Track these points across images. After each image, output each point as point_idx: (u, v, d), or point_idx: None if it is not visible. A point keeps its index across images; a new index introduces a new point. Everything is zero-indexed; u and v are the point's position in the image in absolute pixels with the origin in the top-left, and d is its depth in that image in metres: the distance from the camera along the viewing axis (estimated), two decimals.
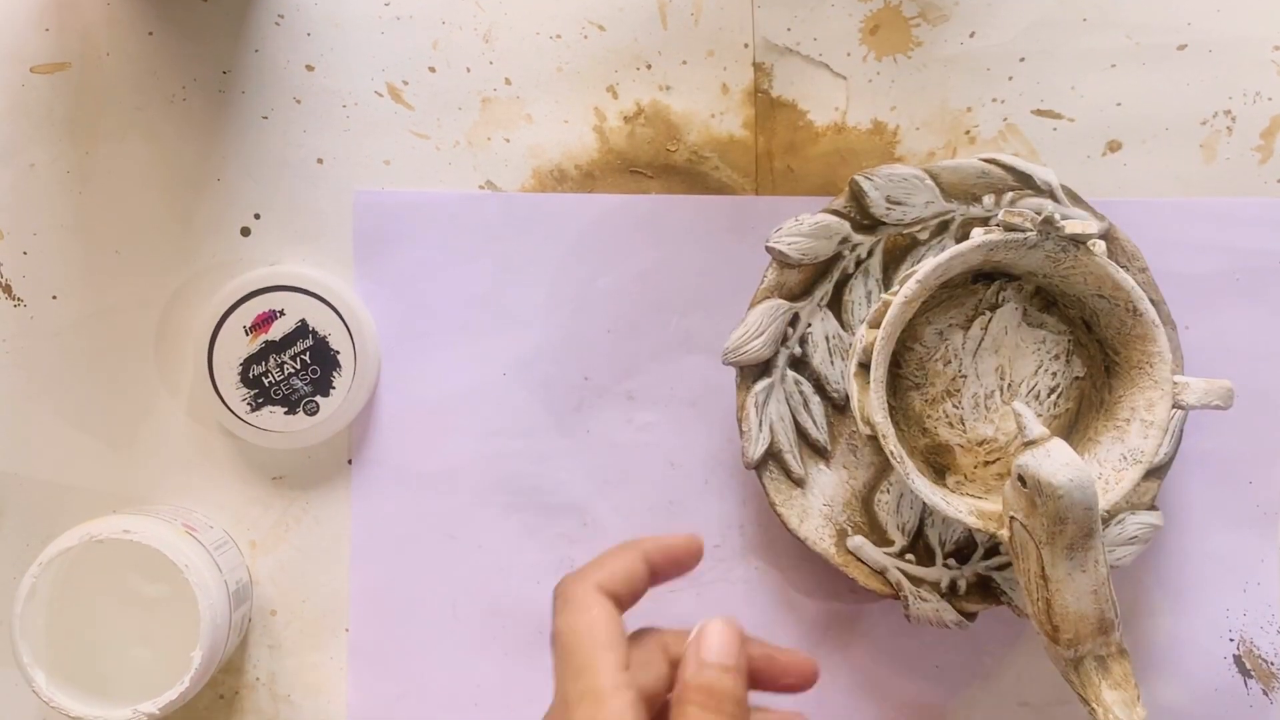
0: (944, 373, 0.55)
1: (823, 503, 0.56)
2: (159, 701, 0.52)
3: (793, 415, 0.56)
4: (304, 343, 0.57)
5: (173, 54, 0.58)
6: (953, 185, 0.55)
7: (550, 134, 0.58)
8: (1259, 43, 0.57)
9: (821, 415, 0.56)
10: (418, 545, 0.58)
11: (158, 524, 0.53)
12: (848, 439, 0.56)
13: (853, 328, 0.56)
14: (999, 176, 0.55)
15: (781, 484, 0.56)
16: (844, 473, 0.56)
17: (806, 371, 0.56)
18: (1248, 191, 0.58)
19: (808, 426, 0.56)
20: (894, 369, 0.55)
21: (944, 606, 0.55)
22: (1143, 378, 0.53)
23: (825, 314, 0.56)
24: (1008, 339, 0.55)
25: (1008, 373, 0.55)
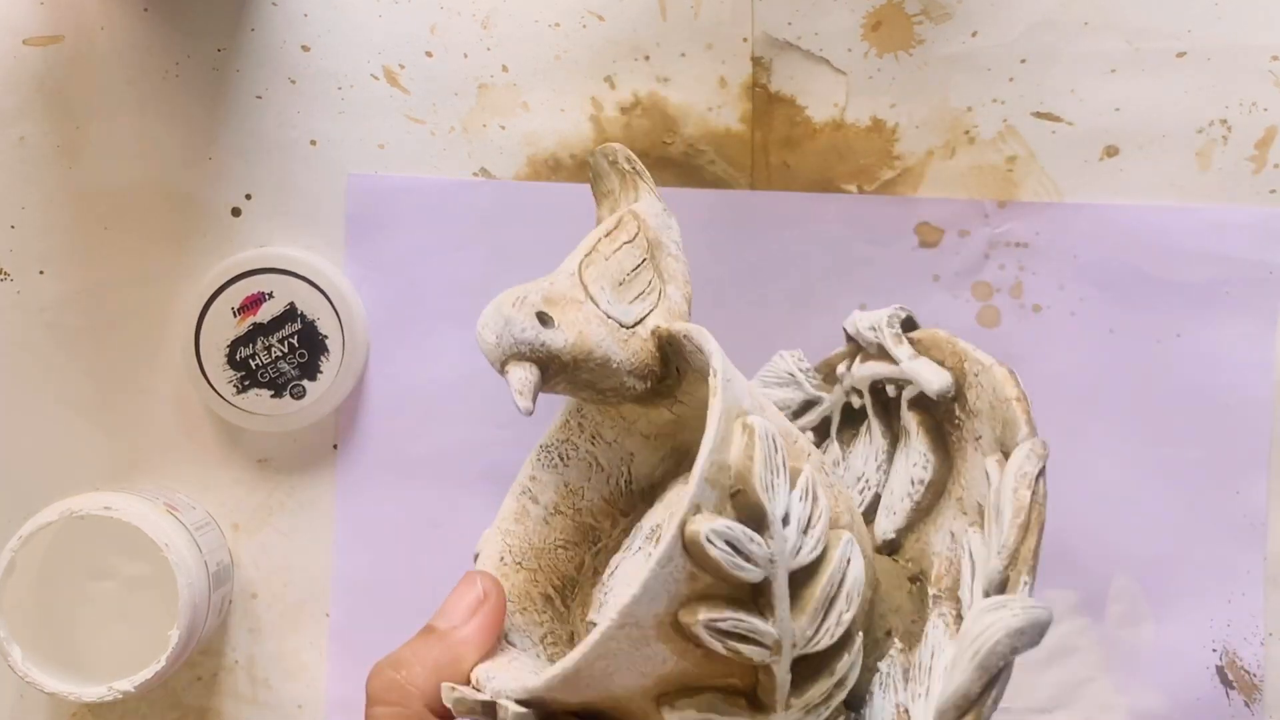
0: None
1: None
2: (135, 679, 0.52)
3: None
4: (292, 326, 0.56)
5: (167, 30, 0.58)
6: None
7: (546, 123, 0.58)
8: (1258, 52, 0.57)
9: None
10: (401, 531, 0.58)
11: (139, 502, 0.53)
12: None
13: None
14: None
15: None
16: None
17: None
18: (1241, 200, 0.58)
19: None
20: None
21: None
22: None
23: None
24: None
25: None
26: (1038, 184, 0.58)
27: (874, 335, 0.46)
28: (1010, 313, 0.58)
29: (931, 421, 0.44)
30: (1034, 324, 0.58)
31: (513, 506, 0.44)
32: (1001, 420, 0.39)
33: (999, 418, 0.40)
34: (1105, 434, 0.58)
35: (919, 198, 0.58)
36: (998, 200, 0.57)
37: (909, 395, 0.45)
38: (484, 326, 0.40)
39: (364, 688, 0.41)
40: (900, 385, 0.45)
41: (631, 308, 0.43)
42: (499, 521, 0.44)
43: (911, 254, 0.58)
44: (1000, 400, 0.40)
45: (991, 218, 0.57)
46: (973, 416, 0.41)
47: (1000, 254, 0.58)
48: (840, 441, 0.49)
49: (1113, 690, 0.58)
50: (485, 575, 0.41)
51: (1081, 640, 0.58)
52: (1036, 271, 0.57)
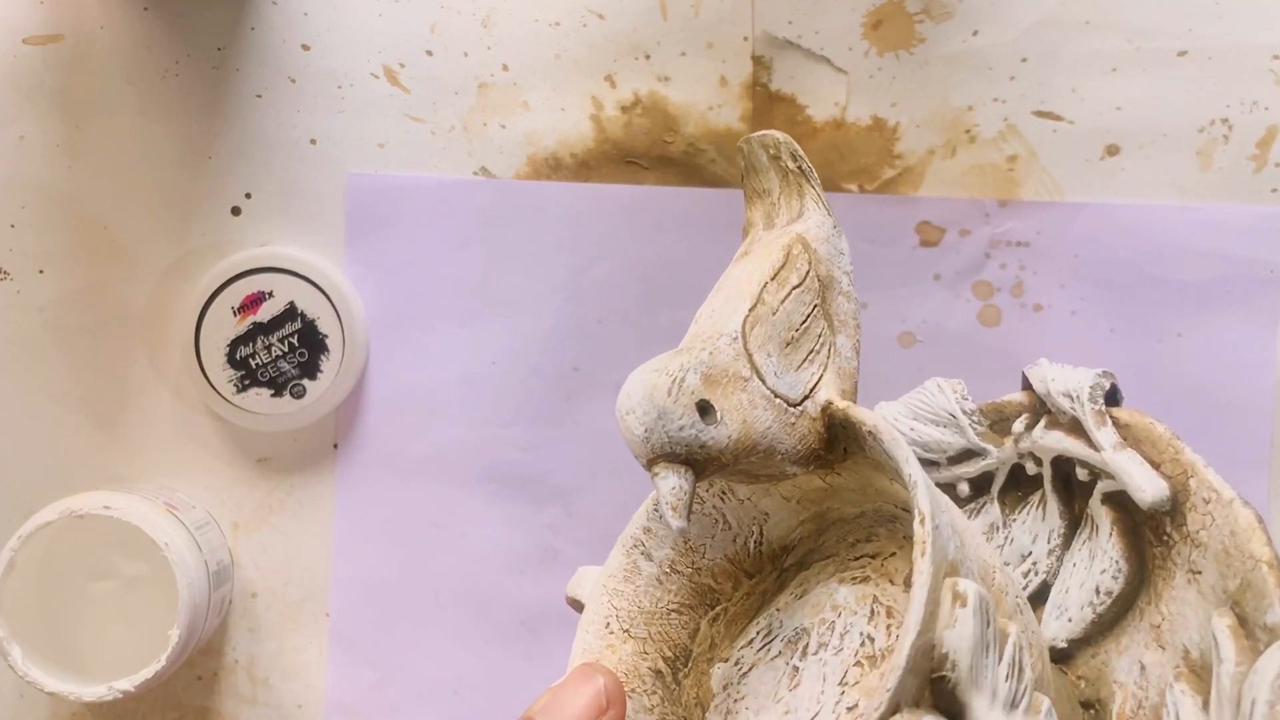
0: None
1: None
2: (135, 679, 0.52)
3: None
4: (292, 325, 0.56)
5: (167, 28, 0.58)
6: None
7: (547, 122, 0.58)
8: (1259, 51, 0.57)
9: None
10: (401, 531, 0.58)
11: (139, 502, 0.53)
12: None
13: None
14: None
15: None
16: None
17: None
18: (1242, 200, 0.58)
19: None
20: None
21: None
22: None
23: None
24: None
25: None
26: (1038, 183, 0.58)
27: (1070, 406, 0.40)
28: (1011, 312, 0.57)
29: (1129, 524, 0.39)
30: (1035, 323, 0.57)
31: (622, 562, 0.38)
32: (1241, 577, 0.34)
33: (1236, 571, 0.35)
34: None
35: (920, 197, 0.57)
36: (998, 199, 0.57)
37: (1106, 488, 0.39)
38: (629, 413, 0.34)
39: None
40: (1096, 473, 0.40)
41: (800, 375, 0.36)
42: (605, 579, 0.38)
43: (912, 253, 0.58)
44: (1242, 554, 0.35)
45: (992, 217, 0.57)
46: (1192, 545, 0.36)
47: (1001, 253, 0.58)
48: (1001, 503, 0.44)
49: None
50: (608, 675, 0.35)
51: None
52: (1037, 271, 0.57)
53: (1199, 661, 0.35)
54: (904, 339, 0.58)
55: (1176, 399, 0.57)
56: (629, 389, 0.34)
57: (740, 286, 0.36)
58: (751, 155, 0.38)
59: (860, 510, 0.38)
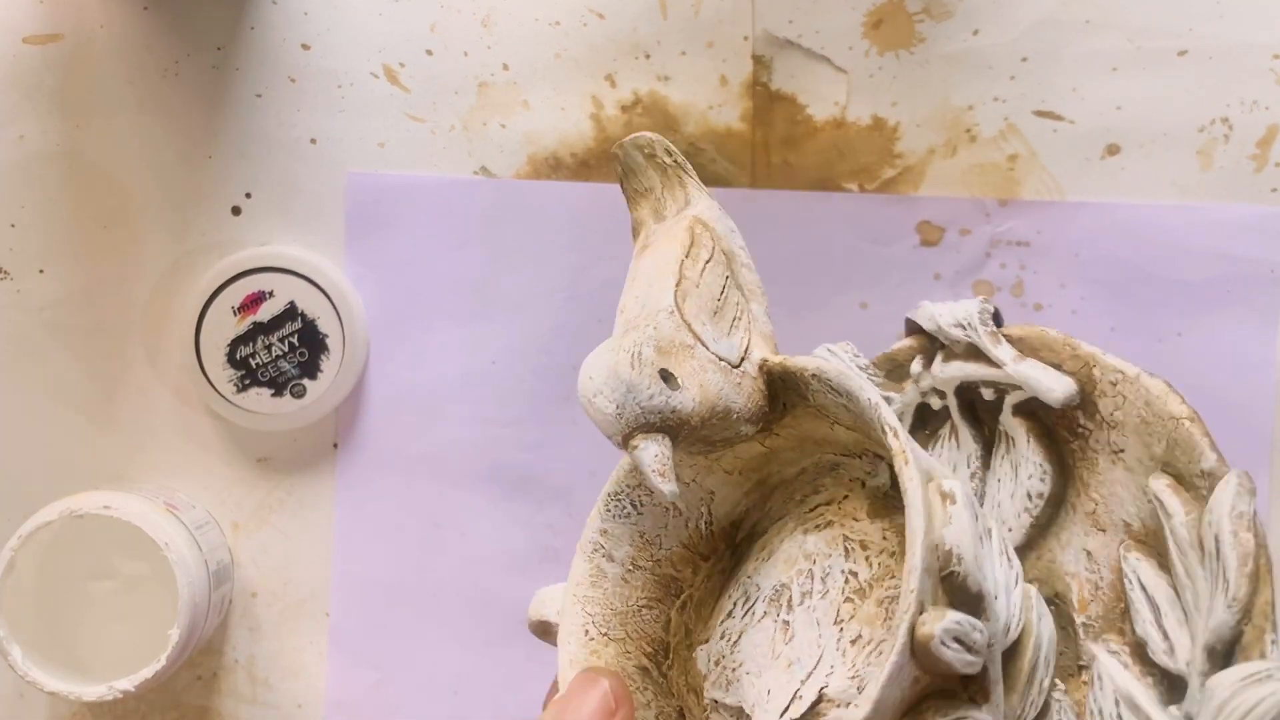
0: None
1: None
2: (135, 679, 0.52)
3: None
4: (292, 325, 0.56)
5: (167, 28, 0.58)
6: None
7: (547, 121, 0.58)
8: (1259, 50, 0.57)
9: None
10: (401, 531, 0.58)
11: (139, 501, 0.53)
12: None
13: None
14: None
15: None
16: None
17: None
18: (1242, 199, 0.58)
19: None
20: None
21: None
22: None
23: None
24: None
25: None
26: (1039, 182, 0.57)
27: (963, 334, 0.41)
28: (1012, 311, 0.57)
29: (1042, 428, 0.40)
30: (1035, 322, 0.57)
31: (585, 569, 0.39)
32: (1166, 439, 0.36)
33: (1159, 435, 0.37)
34: None
35: (920, 196, 0.57)
36: (999, 199, 0.57)
37: (1014, 400, 0.41)
38: (596, 395, 0.35)
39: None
40: (1001, 389, 0.41)
41: (731, 340, 0.37)
42: (572, 588, 0.38)
43: (912, 253, 0.58)
44: (1161, 418, 0.37)
45: (993, 216, 0.57)
46: (1108, 428, 0.38)
47: (1001, 252, 0.58)
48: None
49: None
50: (611, 676, 0.35)
51: None
52: (1038, 270, 0.57)
53: (1141, 530, 0.37)
54: None
55: None
56: (590, 373, 0.35)
57: (659, 268, 0.37)
58: (628, 158, 0.39)
59: (800, 468, 0.39)
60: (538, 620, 0.39)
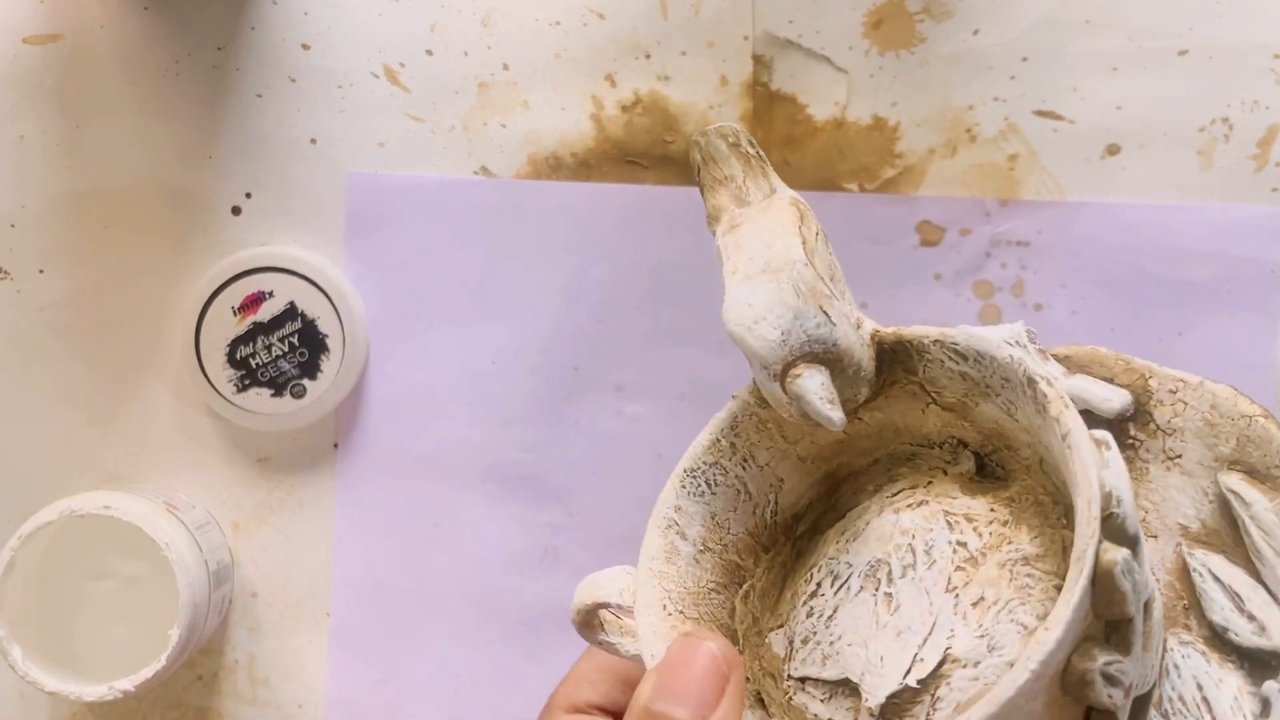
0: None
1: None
2: (135, 679, 0.52)
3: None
4: (292, 325, 0.56)
5: (167, 28, 0.58)
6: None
7: (547, 121, 0.58)
8: (1260, 50, 0.57)
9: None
10: (402, 531, 0.58)
11: (139, 501, 0.53)
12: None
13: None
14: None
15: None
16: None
17: None
18: (1243, 199, 0.58)
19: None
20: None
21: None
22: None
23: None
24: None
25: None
26: (1039, 182, 0.57)
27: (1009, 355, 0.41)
28: (1012, 311, 0.57)
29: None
30: (1036, 322, 0.57)
31: (659, 544, 0.37)
32: (1236, 437, 0.38)
33: (1228, 435, 0.38)
34: None
35: (920, 196, 0.57)
36: (999, 199, 0.57)
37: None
38: (758, 321, 0.33)
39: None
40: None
41: (846, 306, 0.36)
42: (647, 561, 0.37)
43: (912, 253, 0.58)
44: (1230, 417, 0.38)
45: (993, 216, 0.57)
46: (1165, 435, 0.39)
47: (1001, 252, 0.58)
48: None
49: None
50: (715, 639, 0.33)
51: None
52: (1038, 270, 0.57)
53: (1201, 530, 0.37)
54: None
55: None
56: (747, 300, 0.34)
57: (776, 231, 0.36)
58: (710, 147, 0.38)
59: (873, 459, 0.39)
60: (593, 604, 0.37)
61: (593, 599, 0.37)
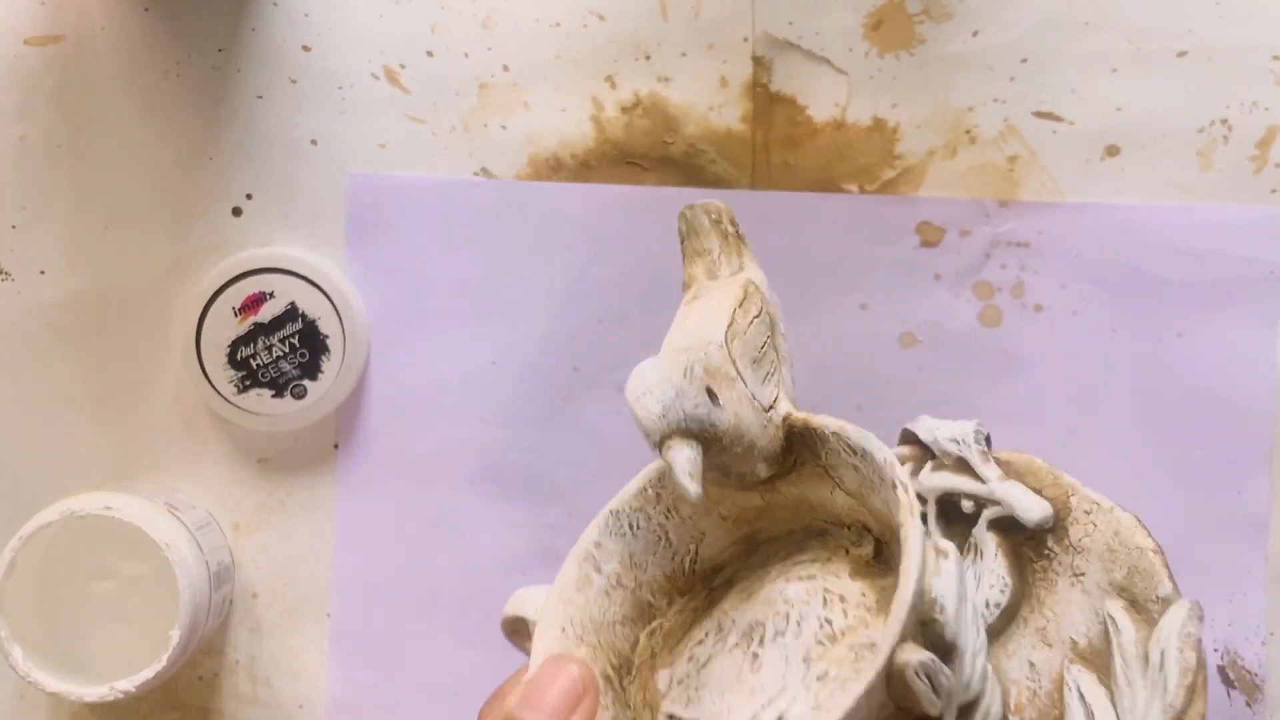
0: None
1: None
2: (136, 679, 0.52)
3: None
4: (293, 326, 0.56)
5: (168, 29, 0.58)
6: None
7: (547, 122, 0.58)
8: (1259, 51, 0.57)
9: None
10: (402, 532, 0.58)
11: (140, 502, 0.53)
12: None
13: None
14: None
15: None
16: None
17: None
18: (1242, 200, 0.58)
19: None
20: None
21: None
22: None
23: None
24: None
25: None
26: (1039, 184, 0.58)
27: (957, 449, 0.45)
28: (1011, 312, 0.57)
29: (1011, 545, 0.44)
30: (1035, 323, 0.57)
31: (574, 573, 0.41)
32: (1128, 566, 0.40)
33: (1122, 562, 0.41)
34: (1106, 433, 0.58)
35: (920, 197, 0.57)
36: (999, 200, 0.57)
37: (990, 516, 0.44)
38: (646, 394, 0.37)
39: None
40: (981, 504, 0.44)
41: (764, 389, 0.40)
42: (558, 588, 0.41)
43: (913, 253, 0.58)
44: (1127, 547, 0.41)
45: (993, 217, 0.57)
46: (1075, 553, 0.42)
47: (1001, 253, 0.58)
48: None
49: None
50: (579, 662, 0.37)
51: None
52: (1038, 271, 0.57)
53: (1087, 648, 0.41)
54: (904, 339, 0.58)
55: (1177, 399, 0.57)
56: (642, 375, 0.38)
57: (713, 311, 0.40)
58: (694, 220, 0.42)
59: (789, 529, 0.42)
60: (514, 616, 0.40)
61: (515, 612, 0.40)
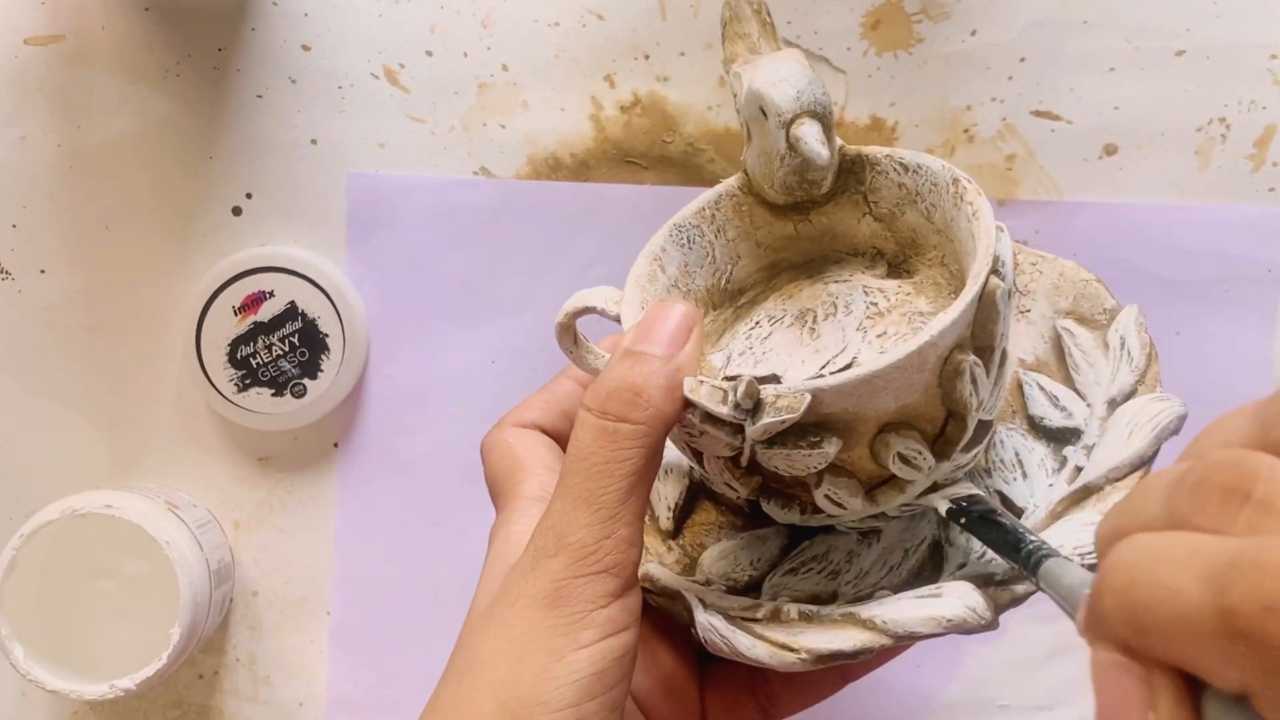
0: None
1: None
2: (136, 677, 0.52)
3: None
4: (293, 325, 0.56)
5: (168, 29, 0.58)
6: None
7: (546, 122, 0.58)
8: (1256, 50, 0.57)
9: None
10: (402, 530, 0.58)
11: (140, 500, 0.53)
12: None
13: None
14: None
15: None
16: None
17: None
18: (1240, 199, 0.58)
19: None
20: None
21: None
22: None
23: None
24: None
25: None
26: (1037, 183, 0.58)
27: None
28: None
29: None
30: None
31: (646, 268, 0.45)
32: (1074, 295, 0.47)
33: (1069, 293, 0.47)
34: None
35: None
36: (997, 198, 0.58)
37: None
38: (782, 80, 0.42)
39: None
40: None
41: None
42: (634, 278, 0.45)
43: None
44: (1072, 280, 0.47)
45: None
46: (1022, 295, 0.48)
47: None
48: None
49: None
50: (685, 303, 0.41)
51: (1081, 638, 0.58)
52: None
53: (1034, 363, 0.47)
54: None
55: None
56: (775, 68, 0.42)
57: (796, 59, 0.44)
58: (738, 7, 0.45)
59: (808, 258, 0.47)
60: (582, 307, 0.44)
61: (582, 304, 0.44)
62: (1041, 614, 0.58)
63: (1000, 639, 0.58)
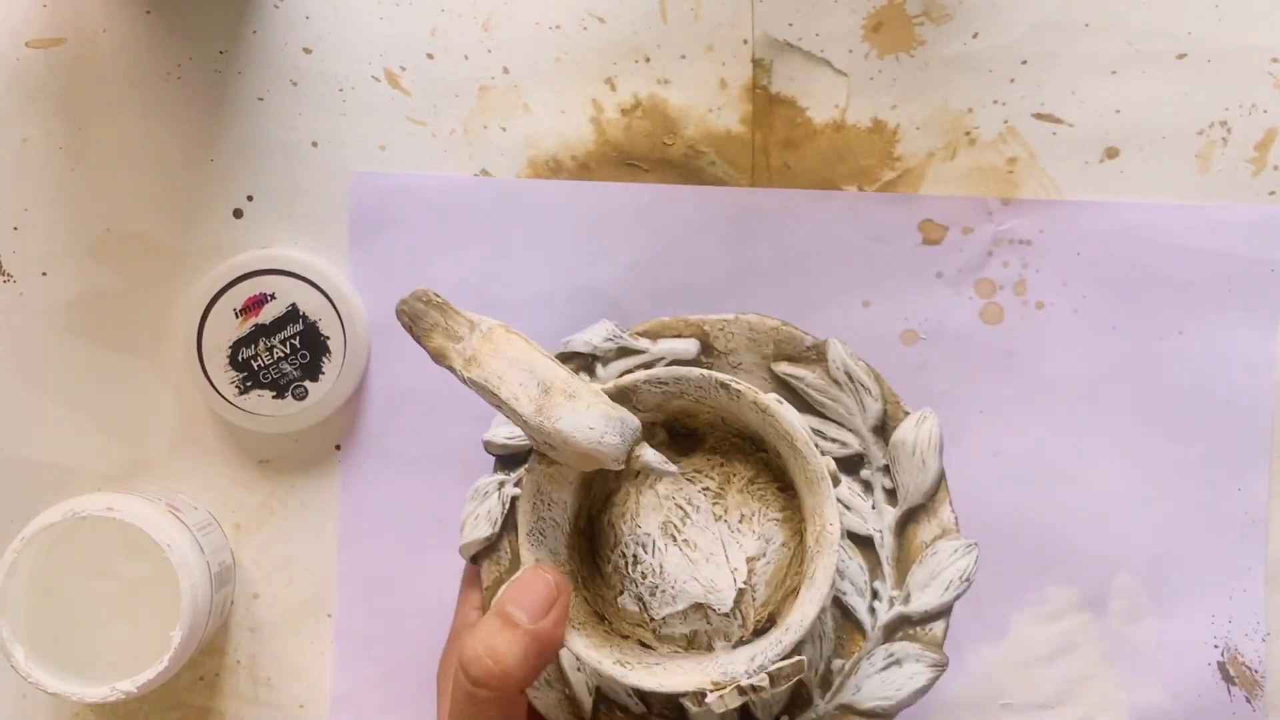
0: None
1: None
2: (137, 680, 0.52)
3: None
4: (294, 327, 0.56)
5: (169, 32, 0.58)
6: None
7: (547, 124, 0.58)
8: (1258, 54, 0.57)
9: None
10: (404, 532, 0.58)
11: (142, 503, 0.53)
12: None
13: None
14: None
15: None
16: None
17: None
18: (1241, 203, 0.58)
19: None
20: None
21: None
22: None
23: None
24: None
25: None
26: (1038, 185, 0.58)
27: (612, 343, 0.52)
28: (1013, 310, 0.58)
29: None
30: (1037, 321, 0.58)
31: (530, 559, 0.48)
32: (772, 342, 0.52)
33: (766, 341, 0.52)
34: (1107, 430, 0.58)
35: (922, 195, 0.58)
36: (1001, 198, 0.58)
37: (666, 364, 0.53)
38: (604, 436, 0.45)
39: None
40: (649, 364, 0.53)
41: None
42: (525, 535, 0.48)
43: (915, 251, 0.58)
44: (762, 332, 0.52)
45: (995, 215, 0.58)
46: (727, 355, 0.52)
47: (1003, 251, 0.58)
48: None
49: (1114, 686, 0.58)
50: (553, 570, 0.46)
51: (1083, 637, 0.58)
52: (1040, 269, 0.58)
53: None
54: (906, 336, 0.58)
55: (1177, 397, 0.58)
56: (588, 424, 0.45)
57: (528, 359, 0.47)
58: (413, 308, 0.47)
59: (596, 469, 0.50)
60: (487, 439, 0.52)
61: (490, 437, 0.53)
62: (1044, 613, 0.58)
63: (1003, 638, 0.58)
